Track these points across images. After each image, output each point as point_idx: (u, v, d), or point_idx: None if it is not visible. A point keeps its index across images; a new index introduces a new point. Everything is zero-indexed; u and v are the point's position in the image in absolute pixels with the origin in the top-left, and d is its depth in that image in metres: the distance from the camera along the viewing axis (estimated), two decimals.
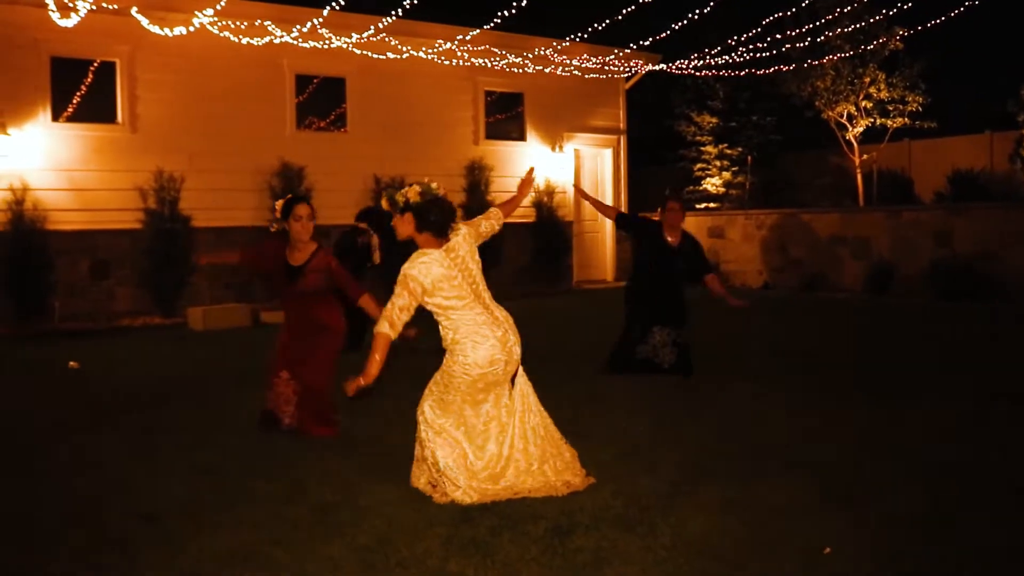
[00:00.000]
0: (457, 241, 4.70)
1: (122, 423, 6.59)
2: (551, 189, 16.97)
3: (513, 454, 4.70)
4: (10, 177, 12.04)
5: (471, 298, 4.62)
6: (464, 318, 4.60)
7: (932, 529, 4.15)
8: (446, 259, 4.60)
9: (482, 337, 4.58)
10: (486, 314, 4.65)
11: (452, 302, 4.58)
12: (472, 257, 4.73)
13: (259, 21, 13.15)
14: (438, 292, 4.55)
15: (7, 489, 5.06)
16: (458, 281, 4.59)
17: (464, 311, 4.60)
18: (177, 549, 4.05)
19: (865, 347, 9.50)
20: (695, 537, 4.08)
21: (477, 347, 4.57)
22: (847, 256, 15.26)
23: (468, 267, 4.68)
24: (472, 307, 4.62)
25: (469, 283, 4.64)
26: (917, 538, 4.05)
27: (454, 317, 4.60)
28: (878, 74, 17.56)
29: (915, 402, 6.70)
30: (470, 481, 4.58)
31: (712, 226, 17.74)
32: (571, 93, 17.19)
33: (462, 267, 4.64)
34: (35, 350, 10.33)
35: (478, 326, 4.60)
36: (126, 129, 13.00)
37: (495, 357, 4.59)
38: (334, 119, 14.92)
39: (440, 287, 4.54)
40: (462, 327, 4.60)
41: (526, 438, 4.75)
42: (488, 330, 4.60)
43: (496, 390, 4.69)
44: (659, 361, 7.91)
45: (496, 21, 13.06)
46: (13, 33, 12.05)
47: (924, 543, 3.98)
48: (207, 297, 13.24)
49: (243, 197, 13.55)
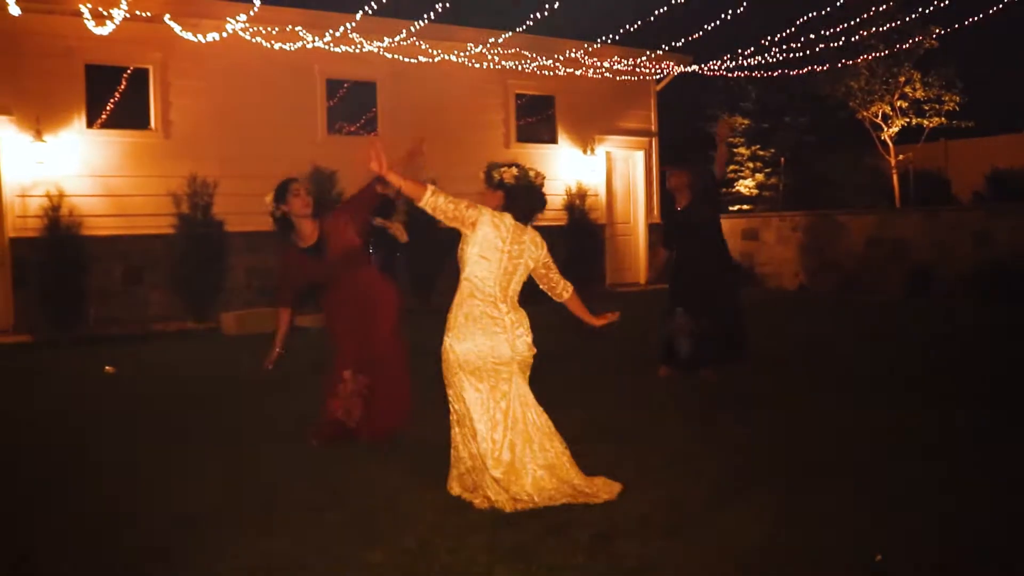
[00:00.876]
0: (532, 238, 4.67)
1: (158, 428, 6.58)
2: (583, 192, 16.87)
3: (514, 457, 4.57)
4: (46, 184, 12.13)
5: (493, 277, 4.55)
6: (474, 284, 4.56)
7: (987, 538, 4.02)
8: (509, 232, 4.58)
9: (474, 317, 4.54)
10: (492, 306, 4.56)
11: (480, 261, 4.54)
12: (525, 260, 4.64)
13: (290, 27, 13.20)
14: (477, 243, 4.53)
15: (45, 494, 5.04)
16: (496, 252, 4.54)
17: (478, 280, 4.55)
18: (215, 556, 4.00)
19: (910, 351, 9.31)
20: (745, 545, 3.97)
21: (467, 322, 4.55)
22: (884, 258, 15.03)
23: (518, 258, 4.60)
24: (487, 283, 4.55)
25: (504, 265, 4.57)
26: (970, 546, 3.92)
27: (469, 276, 4.57)
28: (913, 73, 17.32)
29: (966, 407, 6.52)
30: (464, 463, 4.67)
31: (746, 228, 17.57)
32: (602, 95, 17.10)
33: (513, 254, 4.58)
34: (71, 355, 10.37)
35: (480, 302, 4.55)
36: (159, 135, 13.07)
37: (480, 341, 4.52)
38: (365, 123, 14.93)
39: (482, 242, 4.52)
40: (465, 293, 4.58)
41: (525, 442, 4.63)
42: (485, 311, 4.55)
43: (484, 379, 4.57)
44: (677, 347, 7.80)
45: (528, 24, 13.02)
46: (49, 42, 12.15)
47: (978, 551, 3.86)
48: (241, 301, 13.26)
49: None
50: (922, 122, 17.79)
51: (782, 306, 13.90)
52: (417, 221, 14.84)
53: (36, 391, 8.31)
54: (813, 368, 8.35)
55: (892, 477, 4.92)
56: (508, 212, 4.65)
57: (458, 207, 4.52)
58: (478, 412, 4.58)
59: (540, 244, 4.73)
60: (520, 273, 4.66)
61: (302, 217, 5.77)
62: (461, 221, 4.54)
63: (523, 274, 4.68)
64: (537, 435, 4.62)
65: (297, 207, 5.73)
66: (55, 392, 8.24)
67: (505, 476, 4.49)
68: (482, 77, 15.64)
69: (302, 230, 5.81)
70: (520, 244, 4.61)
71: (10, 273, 12.09)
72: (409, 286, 14.64)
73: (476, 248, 4.55)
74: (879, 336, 10.39)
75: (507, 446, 4.54)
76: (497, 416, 4.58)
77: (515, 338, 4.59)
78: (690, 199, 7.89)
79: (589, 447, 5.35)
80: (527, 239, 4.66)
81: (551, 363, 5.75)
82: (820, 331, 10.92)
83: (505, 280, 4.60)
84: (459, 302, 4.62)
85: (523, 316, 4.70)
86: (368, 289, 5.97)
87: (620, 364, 8.46)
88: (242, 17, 11.96)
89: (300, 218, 5.77)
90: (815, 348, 9.56)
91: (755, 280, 17.04)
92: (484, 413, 4.58)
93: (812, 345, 9.78)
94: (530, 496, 4.48)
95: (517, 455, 4.54)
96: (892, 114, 17.77)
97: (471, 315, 4.56)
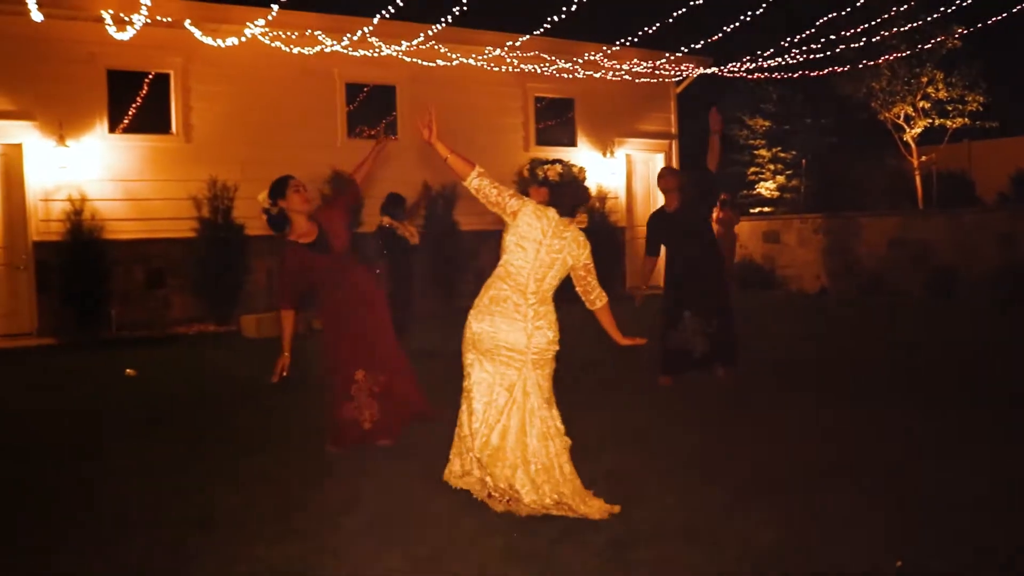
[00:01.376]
0: (575, 237, 4.63)
1: (177, 430, 6.61)
2: (603, 195, 16.84)
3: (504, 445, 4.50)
4: (69, 188, 12.23)
5: (529, 267, 4.53)
6: (502, 273, 4.58)
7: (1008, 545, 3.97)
8: (551, 226, 4.56)
9: (497, 299, 4.54)
10: (525, 288, 4.54)
11: (518, 251, 4.54)
12: (564, 256, 4.59)
13: (309, 31, 13.25)
14: (520, 231, 4.54)
15: (63, 495, 5.08)
16: (534, 248, 4.52)
17: (509, 270, 4.56)
18: (230, 560, 4.01)
19: (930, 354, 9.22)
20: (762, 549, 3.94)
21: (489, 304, 4.56)
22: (907, 260, 14.89)
23: (558, 253, 4.56)
24: (522, 273, 4.53)
25: (541, 258, 4.54)
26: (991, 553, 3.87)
27: (502, 261, 4.61)
28: (936, 74, 17.20)
29: (988, 410, 6.45)
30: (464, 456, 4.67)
31: (767, 231, 17.48)
32: (622, 98, 17.05)
33: (552, 248, 4.54)
34: (92, 358, 10.44)
35: (507, 288, 4.55)
36: (180, 139, 13.14)
37: (496, 324, 4.51)
38: (385, 127, 14.95)
39: (523, 229, 4.52)
40: (498, 276, 4.60)
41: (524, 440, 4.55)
42: (509, 297, 4.53)
43: (494, 362, 4.55)
44: (691, 349, 7.66)
45: (545, 27, 13.00)
46: (71, 48, 12.24)
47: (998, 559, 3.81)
48: (261, 304, 13.31)
49: None
50: (945, 123, 17.66)
51: (801, 309, 13.82)
52: (440, 223, 14.96)
53: (57, 393, 8.36)
54: (832, 371, 8.27)
55: (912, 481, 4.86)
56: (553, 207, 4.64)
57: (501, 194, 4.54)
58: (480, 391, 4.59)
59: (583, 244, 4.67)
60: (557, 268, 4.60)
61: (301, 213, 5.67)
62: (502, 208, 4.55)
63: (560, 271, 4.62)
64: (537, 431, 4.50)
65: (297, 203, 5.62)
66: (76, 394, 8.29)
67: (490, 460, 4.47)
68: (501, 80, 15.64)
69: (299, 227, 5.69)
70: (561, 240, 4.56)
71: (34, 277, 12.19)
72: (429, 287, 14.67)
73: (515, 237, 4.55)
74: (898, 339, 10.29)
75: (499, 432, 4.50)
76: (499, 401, 4.54)
77: (533, 329, 4.53)
78: (681, 201, 7.80)
79: (605, 451, 5.33)
80: (570, 236, 4.60)
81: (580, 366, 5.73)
82: (838, 334, 10.85)
83: (540, 272, 4.56)
84: (490, 284, 4.64)
85: (550, 311, 4.64)
86: (366, 287, 5.96)
87: (639, 367, 8.42)
88: (261, 22, 12.02)
89: (299, 214, 5.66)
90: (834, 351, 9.49)
91: (776, 283, 16.95)
92: (486, 394, 4.57)
93: (831, 348, 9.71)
94: (514, 490, 4.42)
95: (508, 444, 4.48)
96: (914, 115, 17.63)
97: (496, 298, 4.55)
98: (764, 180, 20.25)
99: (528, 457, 4.46)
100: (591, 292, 4.77)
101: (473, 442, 4.54)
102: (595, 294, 4.77)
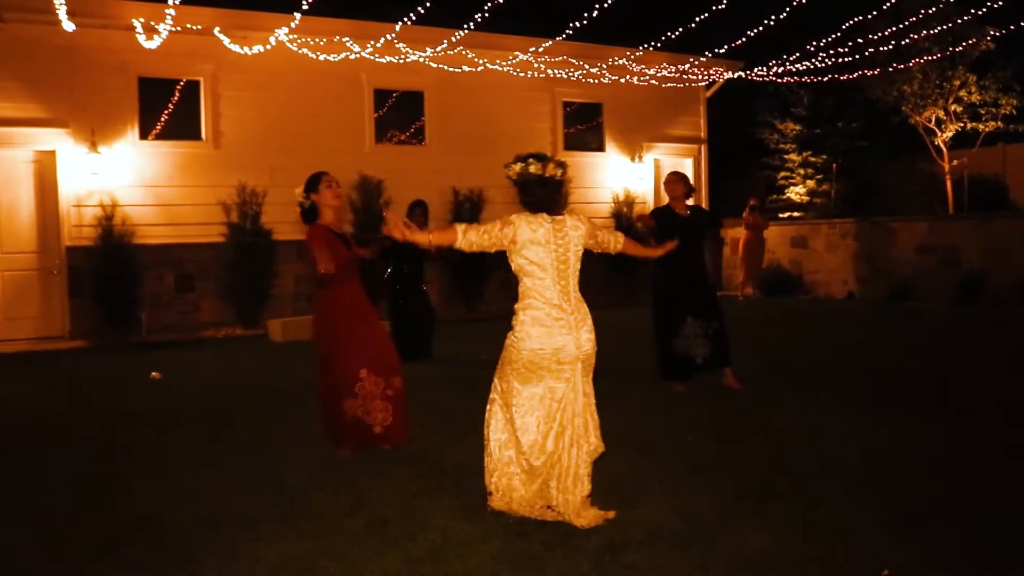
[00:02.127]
0: (573, 223, 4.62)
1: (193, 432, 6.73)
2: (631, 199, 16.85)
3: (558, 450, 4.53)
4: (100, 194, 12.49)
5: (550, 278, 4.52)
6: (531, 292, 4.54)
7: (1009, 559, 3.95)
8: (548, 230, 4.54)
9: (536, 317, 4.51)
10: (556, 300, 4.53)
11: (532, 268, 4.52)
12: (574, 248, 4.60)
13: (337, 37, 13.40)
14: (524, 251, 4.52)
15: (75, 494, 5.20)
16: (543, 254, 4.51)
17: (535, 284, 4.53)
18: (232, 558, 4.09)
19: (950, 360, 9.13)
20: (751, 556, 3.95)
21: (532, 325, 4.51)
22: (935, 266, 14.74)
23: (565, 251, 4.56)
24: (545, 288, 4.52)
25: (556, 264, 4.53)
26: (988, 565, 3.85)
27: (527, 284, 4.56)
28: (968, 76, 16.95)
29: (999, 421, 6.39)
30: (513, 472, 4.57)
31: (795, 236, 17.37)
32: (651, 102, 17.04)
33: (559, 246, 4.54)
34: (121, 361, 10.64)
35: (541, 305, 4.51)
36: (210, 146, 13.36)
37: (541, 340, 4.48)
38: (413, 133, 15.07)
39: (526, 248, 4.51)
40: (527, 299, 4.55)
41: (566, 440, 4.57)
42: (546, 314, 4.50)
43: (547, 380, 4.53)
44: (693, 355, 7.70)
45: (567, 33, 13.03)
46: (104, 56, 12.50)
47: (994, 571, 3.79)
48: (289, 309, 13.47)
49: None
50: (978, 126, 17.41)
51: (826, 315, 13.71)
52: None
53: (81, 395, 8.54)
54: (842, 378, 8.22)
55: (914, 491, 4.84)
56: (525, 205, 4.65)
57: (491, 233, 4.51)
58: (531, 405, 4.55)
59: (583, 222, 4.68)
60: (573, 264, 4.61)
61: (332, 208, 5.97)
62: (500, 243, 4.53)
63: (576, 263, 4.63)
64: (570, 435, 4.51)
65: (329, 197, 5.94)
66: (99, 396, 8.46)
67: (546, 466, 4.50)
68: (529, 85, 15.72)
69: (328, 219, 5.99)
70: (564, 236, 4.56)
71: (66, 281, 12.45)
72: (455, 294, 14.74)
73: (523, 259, 4.53)
74: (918, 346, 10.18)
75: (553, 437, 4.52)
76: (551, 409, 4.54)
77: (580, 337, 4.53)
78: (688, 209, 7.92)
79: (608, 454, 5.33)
80: (568, 227, 4.60)
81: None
82: (857, 340, 10.76)
83: (563, 278, 4.55)
84: (523, 306, 4.58)
85: (586, 313, 4.64)
86: (366, 295, 6.17)
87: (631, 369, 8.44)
88: (284, 29, 12.19)
89: (329, 208, 5.96)
90: (848, 358, 9.42)
91: (803, 288, 16.83)
92: (538, 407, 4.54)
93: (846, 355, 9.64)
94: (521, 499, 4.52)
95: (562, 447, 4.50)
96: (946, 118, 17.41)
97: (538, 319, 4.51)
98: (794, 185, 20.09)
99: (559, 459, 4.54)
100: (608, 243, 4.82)
101: (530, 453, 4.53)
102: (612, 242, 4.83)
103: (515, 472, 4.59)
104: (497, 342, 4.78)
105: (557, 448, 4.51)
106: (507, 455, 4.61)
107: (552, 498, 4.49)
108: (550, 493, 4.50)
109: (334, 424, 5.98)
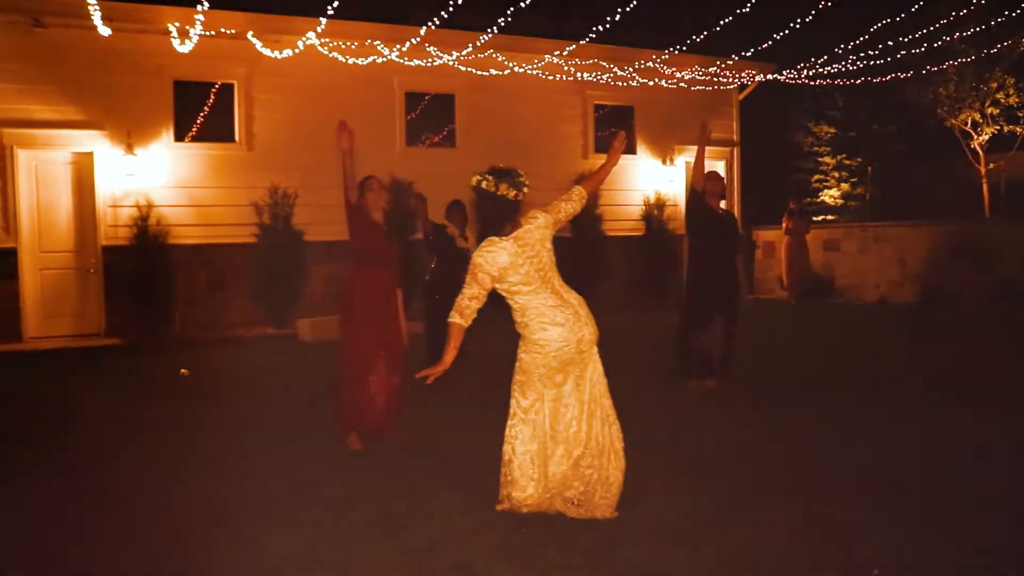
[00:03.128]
0: (529, 229, 4.66)
1: (212, 426, 6.90)
2: (661, 202, 16.82)
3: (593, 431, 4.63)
4: (136, 195, 12.72)
5: (538, 284, 4.60)
6: (531, 302, 4.59)
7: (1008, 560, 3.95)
8: (514, 247, 4.59)
9: (549, 319, 4.56)
10: (554, 298, 4.61)
11: (519, 287, 4.59)
12: (544, 244, 4.67)
13: (368, 41, 13.55)
14: (506, 278, 4.58)
15: (83, 489, 5.34)
16: (525, 268, 4.57)
17: (530, 296, 4.59)
18: (237, 549, 4.22)
19: (974, 363, 9.02)
20: (742, 554, 4.00)
21: (545, 328, 4.57)
22: (969, 270, 14.55)
23: (539, 254, 4.63)
24: (539, 292, 4.59)
25: (537, 270, 4.61)
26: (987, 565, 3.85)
27: (521, 301, 4.61)
28: (1006, 79, 16.75)
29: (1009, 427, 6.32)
30: (539, 482, 4.57)
31: (828, 239, 17.23)
32: (682, 105, 16.99)
33: (531, 254, 4.61)
34: (154, 358, 10.87)
35: (546, 308, 4.58)
36: (243, 148, 13.56)
37: (563, 336, 4.54)
38: (444, 135, 15.19)
39: (507, 273, 4.56)
40: (529, 310, 4.60)
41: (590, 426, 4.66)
42: (555, 312, 4.57)
43: (573, 371, 4.63)
44: (714, 355, 7.74)
45: (591, 36, 13.06)
46: (141, 60, 12.75)
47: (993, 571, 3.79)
48: (319, 309, 13.63)
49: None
50: (1015, 129, 17.19)
51: (856, 319, 13.60)
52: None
53: (110, 391, 8.75)
54: (854, 381, 8.20)
55: (917, 491, 4.85)
56: (481, 220, 4.80)
57: (476, 292, 4.54)
58: (559, 400, 4.64)
59: (537, 215, 4.70)
60: (548, 260, 4.67)
61: (374, 211, 6.31)
62: (487, 288, 4.58)
63: (551, 256, 4.69)
64: (599, 417, 4.65)
65: (371, 201, 6.30)
66: (127, 392, 8.68)
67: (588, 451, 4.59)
68: (560, 88, 15.77)
69: (376, 219, 6.34)
70: (529, 244, 4.62)
71: (102, 280, 12.71)
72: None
73: (506, 284, 4.59)
74: (938, 350, 10.08)
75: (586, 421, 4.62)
76: (579, 400, 4.64)
77: (590, 321, 4.64)
78: (721, 209, 7.91)
79: None
80: (528, 232, 4.64)
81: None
82: (874, 344, 10.67)
83: (546, 279, 4.62)
84: (528, 320, 4.61)
85: (579, 296, 4.74)
86: (394, 288, 6.36)
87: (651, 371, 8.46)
88: (313, 33, 12.37)
89: (372, 211, 6.29)
90: (863, 361, 9.38)
91: (835, 292, 16.68)
92: (570, 406, 4.63)
93: (861, 358, 9.59)
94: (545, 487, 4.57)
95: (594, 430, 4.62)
96: (982, 121, 17.20)
97: (553, 321, 4.56)
98: (828, 188, 19.94)
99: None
100: (574, 208, 4.81)
101: (574, 444, 4.60)
102: (575, 203, 4.81)
103: (535, 477, 4.58)
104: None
105: (592, 429, 4.61)
106: (532, 470, 4.58)
107: (587, 480, 4.56)
108: (584, 473, 4.56)
109: (348, 412, 6.15)
